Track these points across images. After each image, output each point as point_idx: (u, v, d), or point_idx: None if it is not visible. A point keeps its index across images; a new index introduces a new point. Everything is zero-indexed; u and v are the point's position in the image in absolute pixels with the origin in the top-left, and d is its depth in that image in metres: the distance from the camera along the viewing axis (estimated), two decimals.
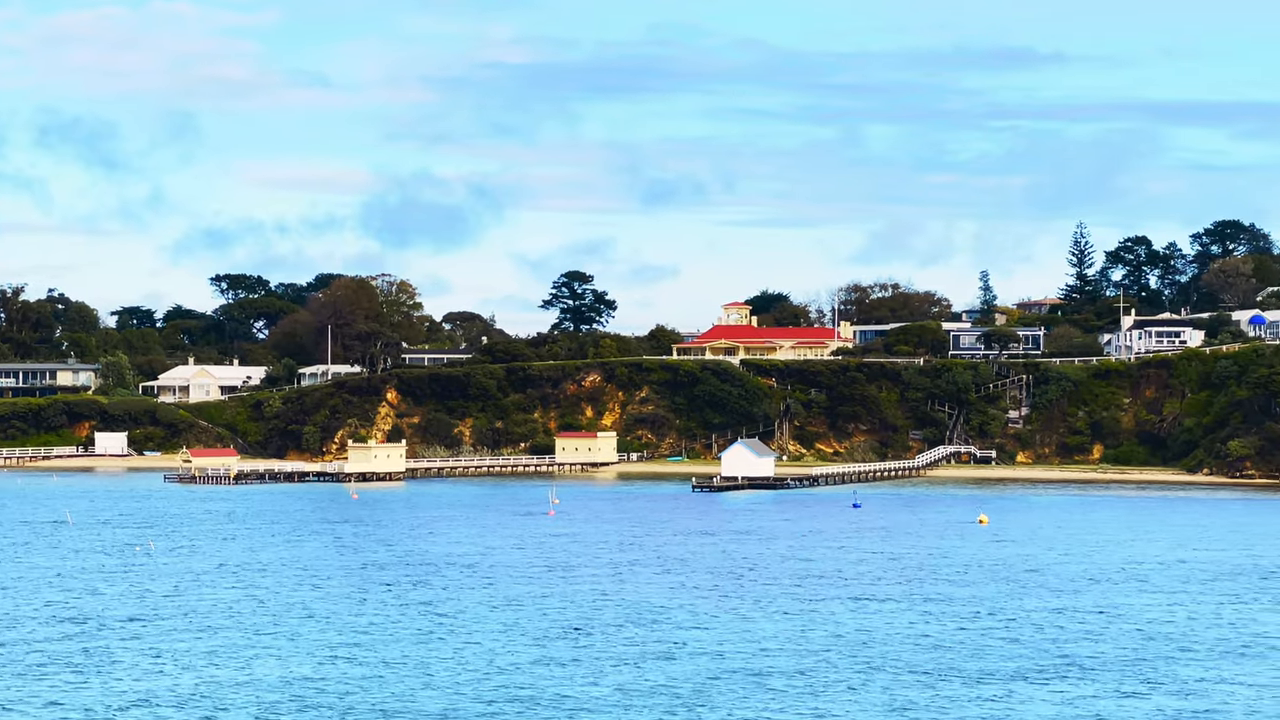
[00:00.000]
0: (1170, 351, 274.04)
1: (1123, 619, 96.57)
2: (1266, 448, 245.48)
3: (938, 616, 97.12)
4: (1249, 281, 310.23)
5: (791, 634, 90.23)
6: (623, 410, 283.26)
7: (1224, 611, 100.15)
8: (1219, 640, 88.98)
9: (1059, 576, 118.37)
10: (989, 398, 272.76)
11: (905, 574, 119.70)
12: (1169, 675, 78.64)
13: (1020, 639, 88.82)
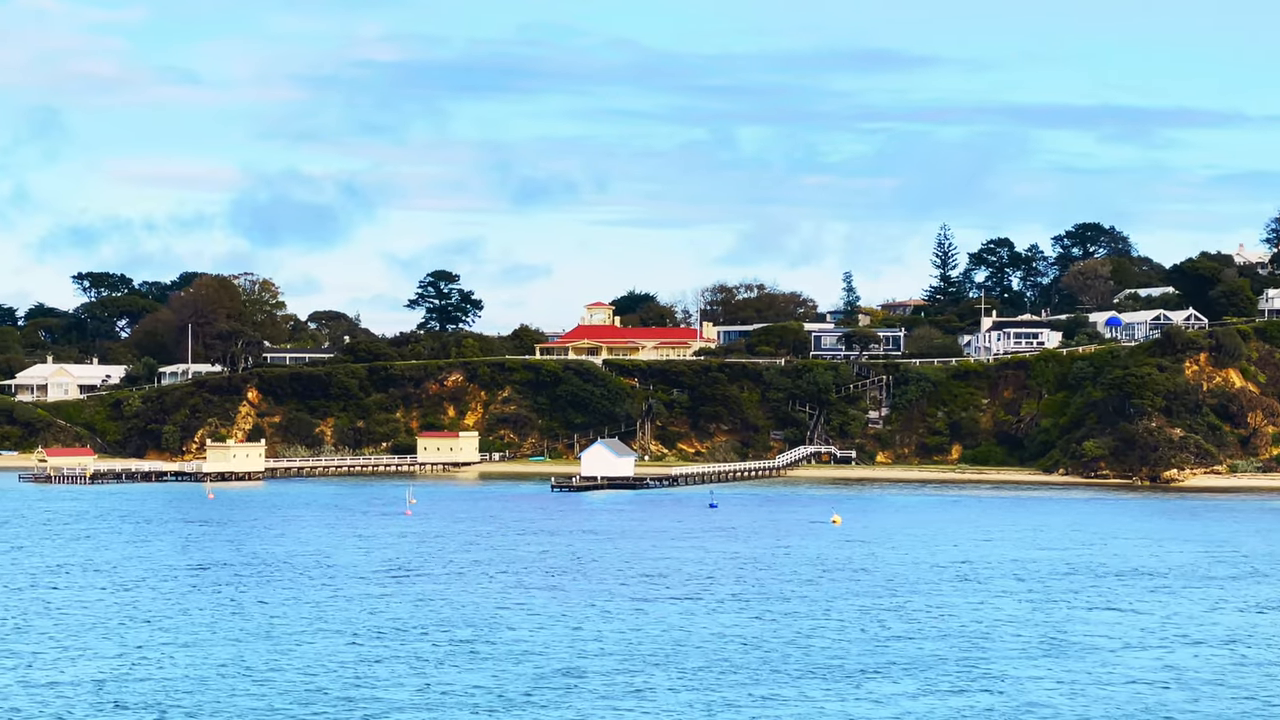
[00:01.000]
0: (1028, 353, 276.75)
1: (953, 618, 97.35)
2: (1120, 448, 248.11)
3: (772, 616, 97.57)
4: (1107, 284, 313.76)
5: (620, 634, 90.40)
6: (485, 410, 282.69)
7: (1054, 611, 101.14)
8: (1039, 639, 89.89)
9: (900, 576, 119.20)
10: (850, 398, 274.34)
11: (747, 574, 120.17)
12: (986, 673, 79.37)
13: (849, 638, 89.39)
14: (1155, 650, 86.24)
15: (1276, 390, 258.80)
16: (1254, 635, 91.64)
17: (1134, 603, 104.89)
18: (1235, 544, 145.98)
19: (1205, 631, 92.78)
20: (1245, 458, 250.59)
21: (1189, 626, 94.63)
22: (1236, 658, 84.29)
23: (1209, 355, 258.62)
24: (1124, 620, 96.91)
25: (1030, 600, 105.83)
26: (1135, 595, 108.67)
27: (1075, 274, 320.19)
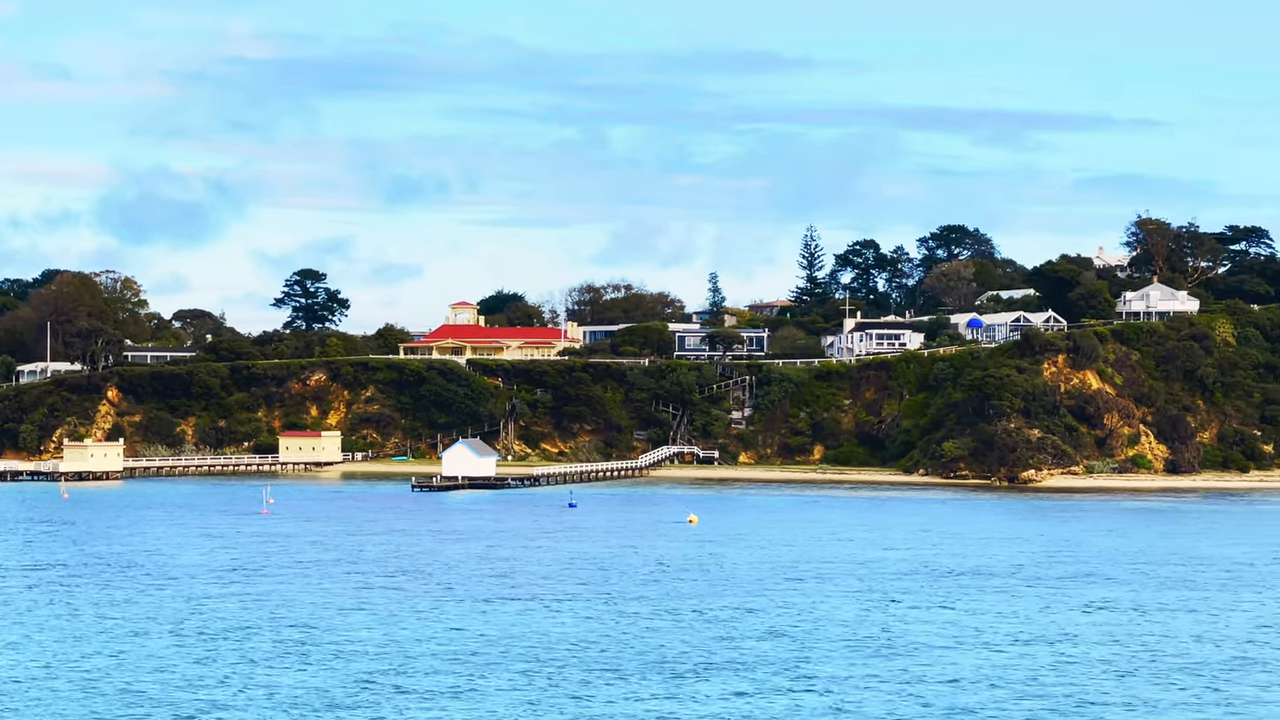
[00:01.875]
0: (890, 354, 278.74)
1: (789, 617, 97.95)
2: (979, 449, 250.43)
3: (608, 616, 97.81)
4: (970, 285, 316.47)
5: (455, 633, 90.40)
6: (348, 409, 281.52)
7: (889, 611, 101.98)
8: (869, 639, 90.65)
9: (743, 576, 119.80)
10: (713, 398, 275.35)
11: (591, 574, 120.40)
12: (811, 673, 79.95)
13: (682, 639, 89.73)
14: (981, 650, 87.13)
15: (1133, 392, 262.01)
16: (1079, 635, 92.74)
17: (969, 602, 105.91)
18: (1078, 544, 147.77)
19: (1033, 631, 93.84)
20: (1101, 458, 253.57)
21: (1018, 626, 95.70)
22: (1059, 657, 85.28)
23: (1067, 357, 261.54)
24: (956, 620, 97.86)
25: (868, 600, 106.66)
26: (971, 595, 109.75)
27: (938, 276, 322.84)
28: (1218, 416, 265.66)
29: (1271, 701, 74.30)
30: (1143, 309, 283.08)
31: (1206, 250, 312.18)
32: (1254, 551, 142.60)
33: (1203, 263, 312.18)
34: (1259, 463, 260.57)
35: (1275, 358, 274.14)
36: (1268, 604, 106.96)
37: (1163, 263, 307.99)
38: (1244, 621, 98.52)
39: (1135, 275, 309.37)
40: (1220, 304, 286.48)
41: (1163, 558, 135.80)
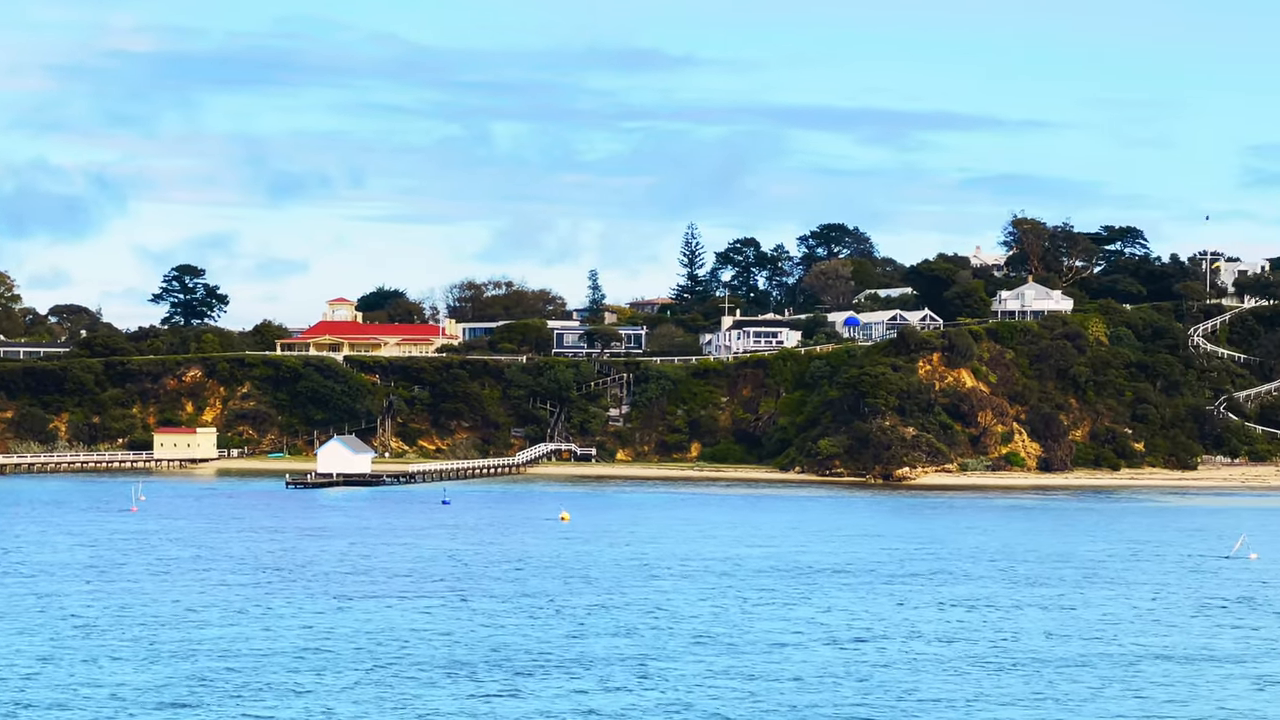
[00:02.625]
0: (767, 351, 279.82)
1: (646, 614, 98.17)
2: (854, 447, 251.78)
3: (465, 613, 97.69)
4: (848, 284, 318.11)
5: (307, 631, 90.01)
6: (224, 406, 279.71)
7: (746, 608, 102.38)
8: (722, 636, 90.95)
9: (605, 573, 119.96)
10: (591, 396, 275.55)
11: (455, 570, 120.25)
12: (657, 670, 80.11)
13: (534, 635, 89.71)
14: (831, 647, 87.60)
15: (1007, 390, 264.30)
16: (929, 632, 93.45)
17: (825, 600, 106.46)
18: (943, 541, 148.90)
19: (885, 628, 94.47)
20: (975, 456, 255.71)
21: (870, 623, 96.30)
22: (907, 654, 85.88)
23: (942, 355, 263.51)
24: (810, 617, 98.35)
25: (724, 597, 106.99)
26: (828, 592, 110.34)
27: (817, 274, 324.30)
28: (1090, 415, 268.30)
29: (1109, 697, 75.13)
30: (1018, 308, 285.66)
31: (1081, 250, 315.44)
32: (1113, 549, 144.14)
33: (1078, 262, 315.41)
34: (1130, 461, 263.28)
35: (1147, 357, 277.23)
36: (1118, 601, 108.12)
37: (1038, 262, 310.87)
38: (1093, 618, 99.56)
39: (1011, 275, 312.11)
40: (1094, 303, 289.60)
41: (1023, 555, 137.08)
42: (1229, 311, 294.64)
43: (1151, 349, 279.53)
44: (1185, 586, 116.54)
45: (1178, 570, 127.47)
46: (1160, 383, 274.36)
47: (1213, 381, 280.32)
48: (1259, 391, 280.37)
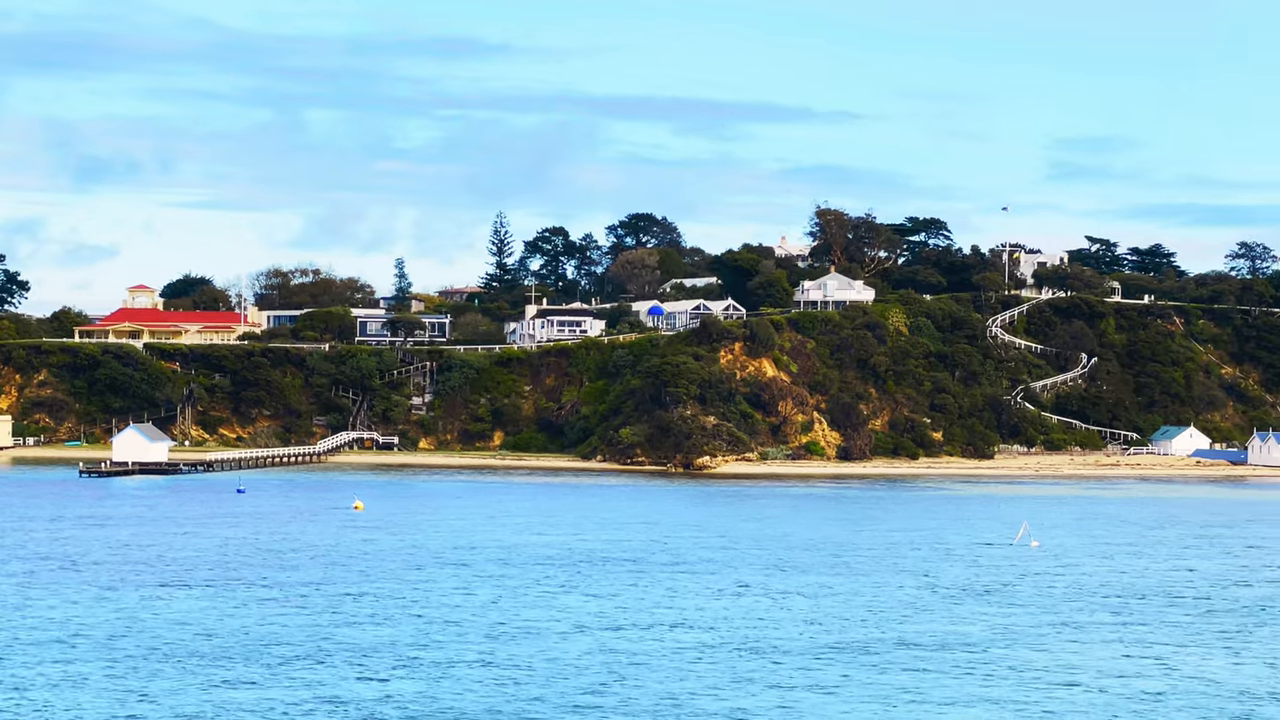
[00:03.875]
0: (570, 340, 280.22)
1: (421, 603, 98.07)
2: (656, 435, 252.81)
3: (235, 602, 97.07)
4: (654, 273, 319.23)
5: (66, 621, 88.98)
6: (20, 394, 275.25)
7: (521, 596, 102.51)
8: (494, 625, 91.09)
9: (389, 561, 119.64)
10: (394, 384, 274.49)
11: (235, 559, 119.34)
12: (429, 659, 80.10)
13: (303, 624, 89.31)
14: (597, 634, 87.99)
15: (807, 380, 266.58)
16: (701, 620, 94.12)
17: (597, 588, 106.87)
18: (726, 530, 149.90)
19: (654, 617, 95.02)
20: (776, 445, 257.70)
21: (639, 612, 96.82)
22: (671, 642, 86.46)
23: (744, 345, 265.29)
24: (580, 605, 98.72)
25: (503, 586, 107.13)
26: (601, 581, 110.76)
27: (623, 264, 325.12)
28: (889, 404, 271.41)
29: (853, 683, 76.11)
30: (820, 298, 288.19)
31: (883, 241, 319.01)
32: (894, 537, 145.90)
33: (881, 253, 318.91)
34: (928, 450, 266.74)
35: (946, 347, 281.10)
36: (887, 589, 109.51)
37: (841, 253, 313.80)
38: (858, 605, 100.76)
39: (815, 265, 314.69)
40: (895, 294, 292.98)
41: (804, 543, 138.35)
42: (1026, 303, 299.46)
43: (950, 339, 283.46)
44: (957, 574, 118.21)
45: (954, 558, 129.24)
46: (959, 373, 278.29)
47: (1010, 371, 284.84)
48: (1055, 381, 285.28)
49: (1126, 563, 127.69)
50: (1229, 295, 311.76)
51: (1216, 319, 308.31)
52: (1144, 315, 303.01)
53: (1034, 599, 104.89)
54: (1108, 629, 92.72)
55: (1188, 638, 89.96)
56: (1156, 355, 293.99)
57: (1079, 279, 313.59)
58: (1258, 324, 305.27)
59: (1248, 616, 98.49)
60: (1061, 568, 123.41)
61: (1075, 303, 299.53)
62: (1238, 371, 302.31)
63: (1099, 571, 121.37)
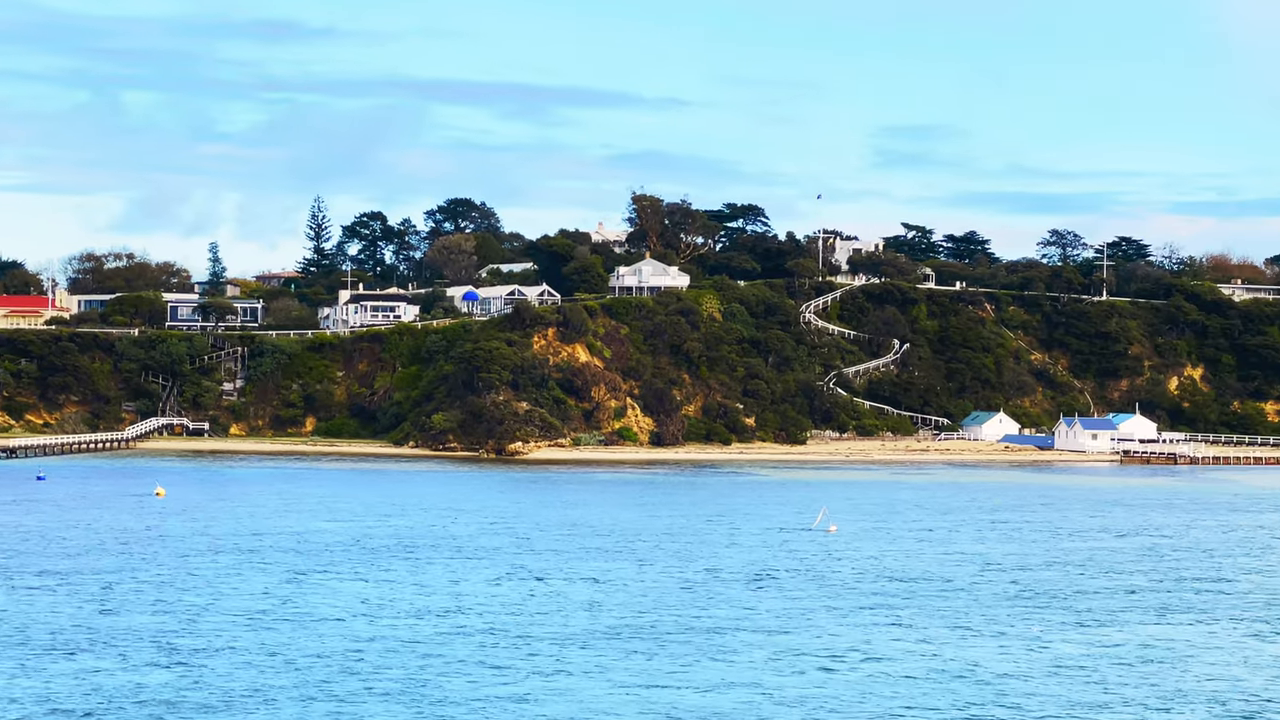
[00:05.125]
0: (384, 326, 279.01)
1: (194, 591, 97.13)
2: (468, 421, 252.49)
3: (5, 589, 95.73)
4: (471, 259, 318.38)
5: None
6: None
7: (302, 583, 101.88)
8: (264, 611, 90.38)
9: (173, 548, 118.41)
10: (204, 370, 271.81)
11: (15, 546, 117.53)
12: (200, 645, 79.35)
13: (72, 612, 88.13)
14: (376, 621, 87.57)
15: (621, 365, 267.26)
16: (476, 606, 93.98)
17: (386, 575, 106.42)
18: (525, 516, 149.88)
19: (436, 603, 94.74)
20: (589, 431, 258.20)
21: (419, 597, 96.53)
22: (450, 628, 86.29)
23: (557, 330, 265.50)
24: (365, 591, 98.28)
25: (282, 572, 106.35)
26: (391, 567, 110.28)
27: (440, 249, 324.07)
28: (702, 390, 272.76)
29: (626, 668, 76.34)
30: (635, 284, 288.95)
31: (699, 227, 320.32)
32: (691, 522, 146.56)
33: (697, 239, 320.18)
34: (741, 435, 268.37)
35: (759, 333, 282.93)
36: (672, 574, 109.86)
37: (657, 239, 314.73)
38: (639, 591, 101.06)
39: (631, 251, 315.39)
40: (710, 280, 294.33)
41: (600, 529, 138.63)
42: (840, 289, 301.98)
43: (764, 325, 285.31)
44: (745, 559, 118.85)
45: (746, 543, 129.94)
46: (772, 359, 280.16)
47: (823, 357, 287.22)
48: (867, 367, 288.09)
49: (914, 547, 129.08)
50: (1039, 282, 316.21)
51: (1027, 305, 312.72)
52: (956, 302, 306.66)
53: (813, 583, 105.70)
54: (881, 612, 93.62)
55: (957, 621, 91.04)
56: (968, 341, 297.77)
57: (893, 266, 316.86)
58: (1066, 310, 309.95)
59: (1019, 601, 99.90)
60: (849, 552, 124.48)
61: (888, 289, 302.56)
62: (1047, 357, 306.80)
63: (885, 555, 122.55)
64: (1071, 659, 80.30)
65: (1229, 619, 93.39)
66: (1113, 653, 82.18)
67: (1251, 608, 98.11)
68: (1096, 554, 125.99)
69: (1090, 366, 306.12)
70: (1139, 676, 76.47)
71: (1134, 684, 74.76)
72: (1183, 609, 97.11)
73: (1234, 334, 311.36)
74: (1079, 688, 73.75)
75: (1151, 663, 79.73)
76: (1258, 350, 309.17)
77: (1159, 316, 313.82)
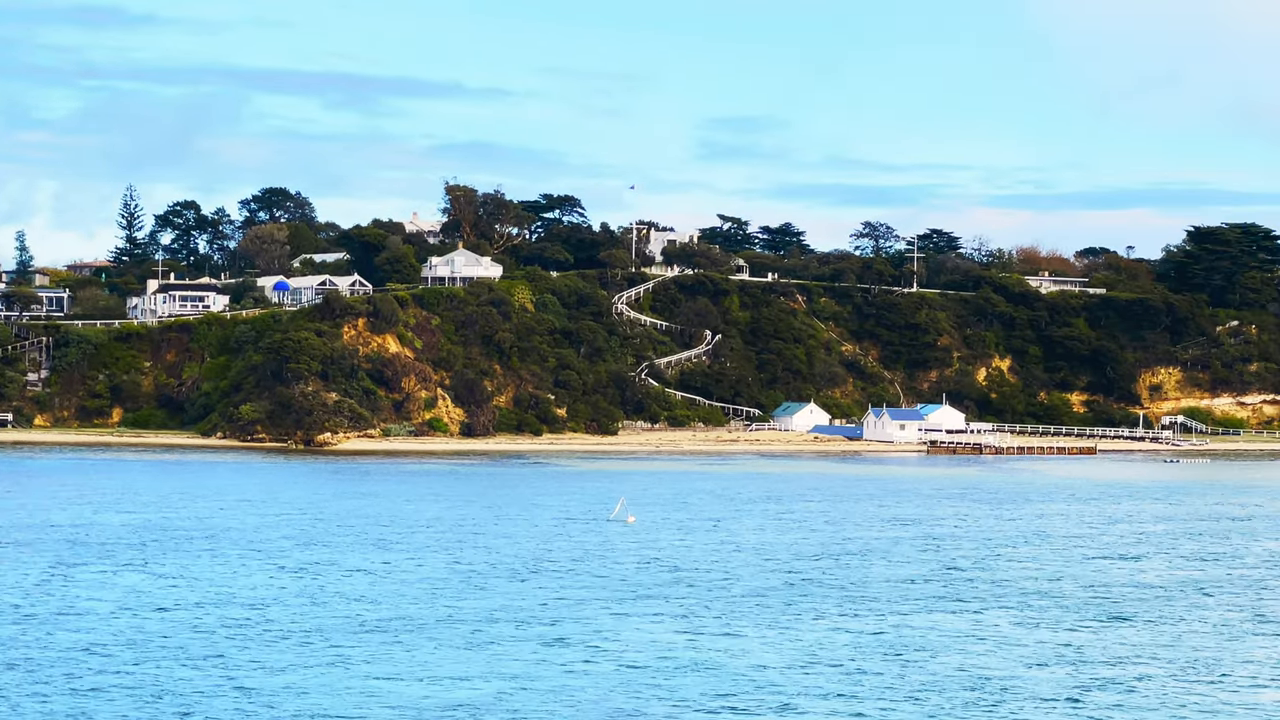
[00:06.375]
0: (192, 316, 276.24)
1: None
2: (277, 412, 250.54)
3: None
4: (284, 248, 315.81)
5: None
6: None
7: (70, 574, 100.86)
8: (30, 604, 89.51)
9: None
10: (8, 360, 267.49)
11: None
12: None
13: None
14: (131, 615, 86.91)
15: (432, 356, 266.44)
16: (249, 598, 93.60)
17: (162, 568, 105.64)
18: (323, 508, 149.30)
19: (202, 595, 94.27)
20: (399, 422, 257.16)
21: (192, 590, 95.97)
22: (211, 619, 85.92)
23: (367, 321, 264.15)
24: (139, 584, 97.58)
25: (54, 565, 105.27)
26: (169, 560, 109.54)
27: (252, 239, 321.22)
28: (514, 381, 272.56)
29: (384, 658, 76.42)
30: (448, 274, 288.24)
31: (513, 217, 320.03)
32: (488, 513, 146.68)
33: (511, 230, 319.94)
34: (553, 426, 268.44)
35: (571, 324, 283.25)
36: (456, 566, 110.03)
37: (470, 229, 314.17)
38: (418, 579, 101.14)
39: (446, 241, 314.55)
40: (522, 270, 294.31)
41: (391, 520, 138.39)
42: (653, 280, 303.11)
43: (577, 316, 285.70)
44: (531, 549, 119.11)
45: (537, 533, 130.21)
46: (584, 349, 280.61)
47: (636, 348, 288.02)
48: (679, 358, 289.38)
49: (699, 538, 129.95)
50: (850, 274, 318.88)
51: (838, 297, 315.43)
52: (768, 293, 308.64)
53: (589, 574, 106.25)
54: (650, 603, 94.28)
55: (722, 612, 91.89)
56: (779, 332, 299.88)
57: (706, 257, 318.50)
58: (877, 302, 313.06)
59: (788, 592, 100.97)
60: (638, 542, 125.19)
61: (701, 280, 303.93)
62: (858, 349, 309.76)
63: (672, 546, 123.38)
64: (830, 648, 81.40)
65: (999, 608, 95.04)
66: (872, 641, 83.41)
67: (1022, 597, 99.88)
68: (875, 544, 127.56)
69: (900, 357, 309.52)
70: (895, 666, 77.68)
71: (887, 673, 75.93)
72: (952, 599, 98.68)
73: (1041, 325, 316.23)
74: (833, 678, 74.80)
75: (910, 651, 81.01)
76: (1063, 342, 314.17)
77: (968, 308, 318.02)
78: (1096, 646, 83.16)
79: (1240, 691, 73.66)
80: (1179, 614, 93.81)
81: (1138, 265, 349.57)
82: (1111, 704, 70.65)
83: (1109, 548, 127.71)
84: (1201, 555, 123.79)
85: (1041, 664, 78.45)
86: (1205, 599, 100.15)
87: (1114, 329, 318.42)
